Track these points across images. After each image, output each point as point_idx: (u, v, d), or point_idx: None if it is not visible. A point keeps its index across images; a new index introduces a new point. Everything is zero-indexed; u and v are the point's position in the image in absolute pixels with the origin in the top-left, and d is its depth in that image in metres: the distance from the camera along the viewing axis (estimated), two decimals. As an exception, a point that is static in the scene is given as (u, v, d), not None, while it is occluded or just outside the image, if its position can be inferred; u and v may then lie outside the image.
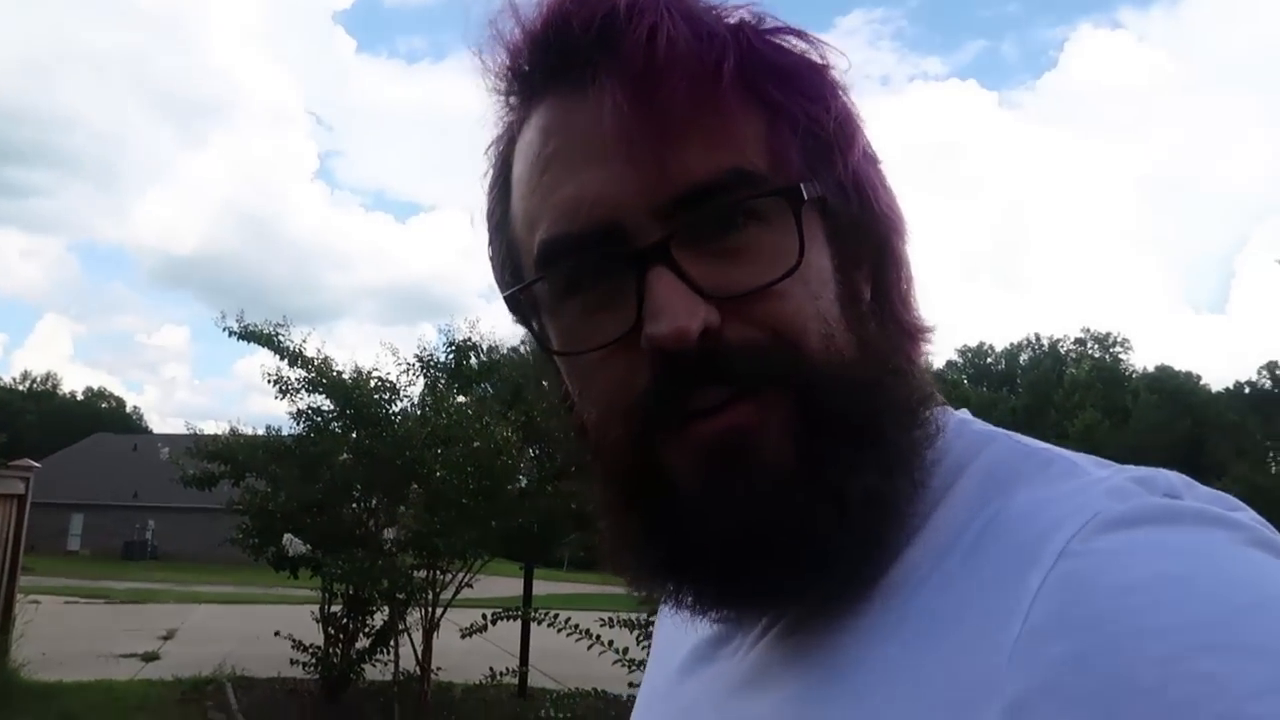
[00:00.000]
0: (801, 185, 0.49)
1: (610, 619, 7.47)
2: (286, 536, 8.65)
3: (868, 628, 0.47)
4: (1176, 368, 67.17)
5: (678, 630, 0.63)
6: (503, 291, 0.60)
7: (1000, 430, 0.55)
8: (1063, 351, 71.43)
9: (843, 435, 0.48)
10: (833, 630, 0.49)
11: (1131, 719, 0.35)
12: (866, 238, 0.54)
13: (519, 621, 8.26)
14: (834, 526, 0.47)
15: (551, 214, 0.52)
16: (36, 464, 9.88)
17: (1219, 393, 63.60)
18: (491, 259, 0.61)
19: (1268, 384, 61.49)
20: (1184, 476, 0.47)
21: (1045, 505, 0.45)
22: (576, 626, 7.29)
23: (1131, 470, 0.47)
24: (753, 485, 0.47)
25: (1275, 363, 61.77)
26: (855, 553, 0.48)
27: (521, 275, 0.57)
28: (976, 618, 0.42)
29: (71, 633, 12.64)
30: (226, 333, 8.47)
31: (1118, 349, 71.23)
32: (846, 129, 0.53)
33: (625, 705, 7.72)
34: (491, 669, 7.68)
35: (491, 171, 0.60)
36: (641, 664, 7.38)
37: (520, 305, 0.56)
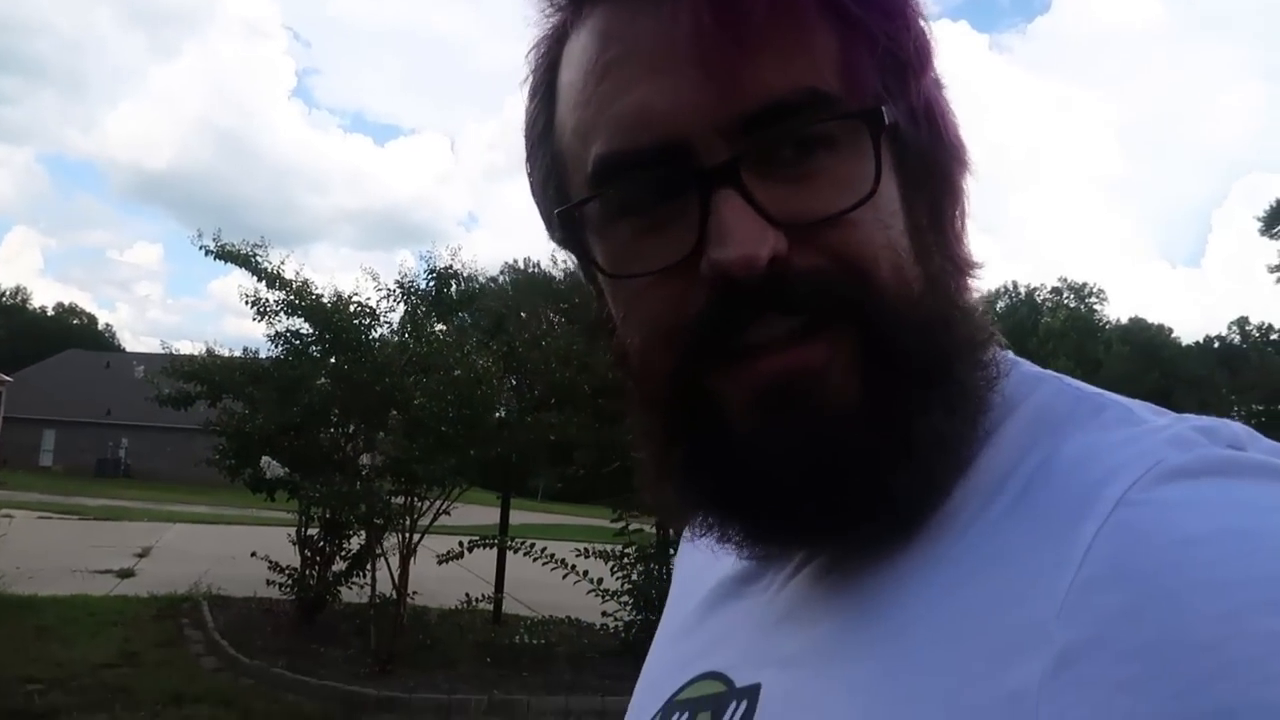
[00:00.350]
0: (883, 109, 0.47)
1: (585, 550, 7.60)
2: (265, 459, 8.64)
3: (909, 569, 0.46)
4: (1150, 320, 67.97)
5: (702, 565, 0.63)
6: (543, 206, 0.57)
7: (1049, 372, 0.53)
8: (1039, 300, 71.95)
9: (911, 373, 0.46)
10: (872, 569, 0.48)
11: (1187, 675, 0.34)
12: (933, 167, 0.52)
13: (495, 550, 8.34)
14: (897, 469, 0.46)
15: (610, 126, 0.48)
16: (8, 378, 9.77)
17: (1189, 346, 64.47)
18: (530, 172, 0.57)
19: (1237, 339, 62.38)
20: (1248, 428, 0.46)
21: (1101, 452, 0.44)
22: (552, 556, 7.40)
23: (1194, 419, 0.46)
24: (815, 426, 0.45)
25: (1245, 318, 62.64)
26: (914, 496, 0.47)
27: (567, 190, 0.54)
28: (1024, 565, 0.41)
29: (46, 548, 12.65)
30: (203, 251, 8.34)
31: (1093, 300, 71.81)
32: (923, 51, 0.50)
33: (598, 633, 7.90)
34: (468, 594, 7.79)
35: (533, 77, 0.56)
36: (615, 594, 7.53)
37: (567, 223, 0.53)
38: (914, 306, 0.47)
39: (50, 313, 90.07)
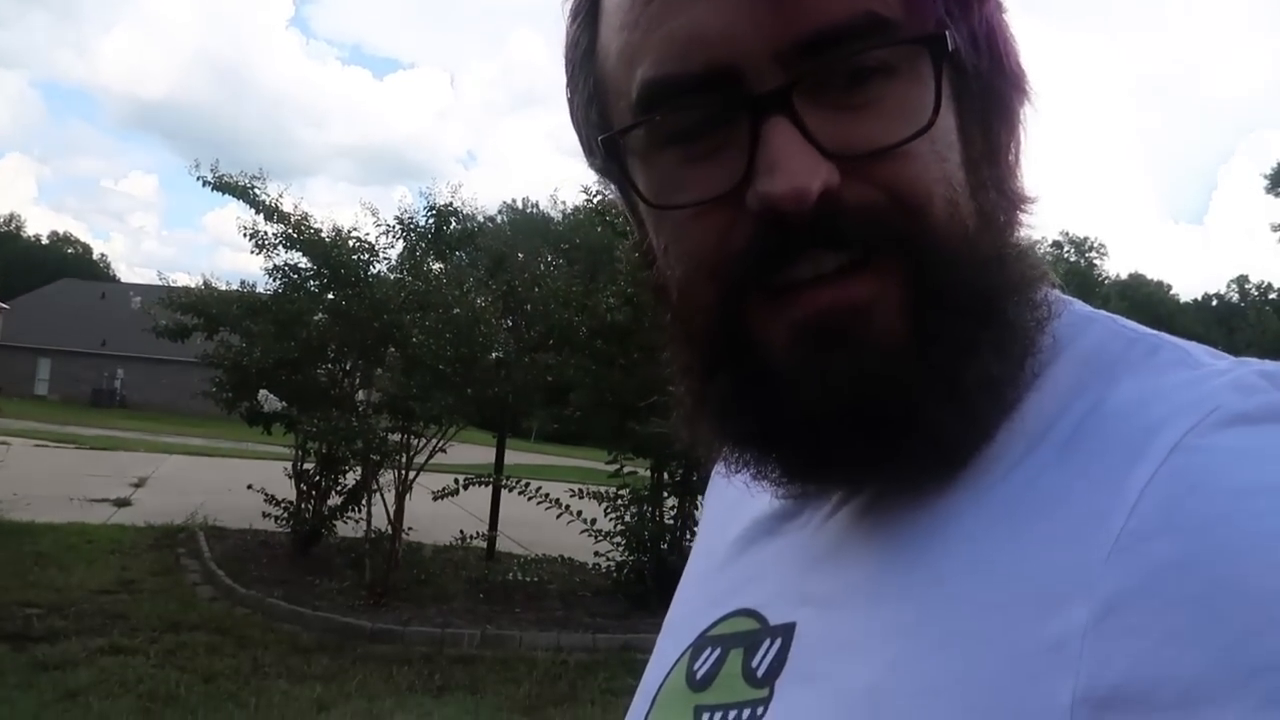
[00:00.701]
0: (946, 34, 0.44)
1: (580, 490, 7.66)
2: (262, 393, 8.66)
3: (951, 511, 0.45)
4: (1149, 276, 67.93)
5: (734, 502, 0.61)
6: (583, 133, 0.55)
7: (1101, 312, 0.52)
8: (1040, 253, 71.63)
9: (961, 312, 0.44)
10: (912, 510, 0.47)
11: (1238, 627, 0.33)
12: (992, 96, 0.49)
13: (489, 489, 8.40)
14: (942, 410, 0.44)
15: (657, 50, 0.46)
16: (4, 305, 9.73)
17: (1187, 303, 64.52)
18: (571, 97, 0.55)
19: (1235, 297, 62.37)
20: None
21: (1155, 395, 0.43)
22: (547, 495, 7.46)
23: (1256, 363, 0.44)
24: (860, 364, 0.44)
25: (1245, 277, 62.54)
26: (958, 438, 0.45)
27: (609, 116, 0.52)
28: (1072, 510, 0.40)
29: (42, 476, 12.73)
30: (200, 182, 8.24)
31: (1093, 254, 71.62)
32: None
33: (590, 572, 8.00)
34: (462, 532, 7.87)
35: None
36: (609, 535, 7.61)
37: (610, 150, 0.50)
38: (967, 243, 0.45)
39: (45, 241, 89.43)
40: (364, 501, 7.73)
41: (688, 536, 7.70)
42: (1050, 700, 0.36)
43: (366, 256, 8.04)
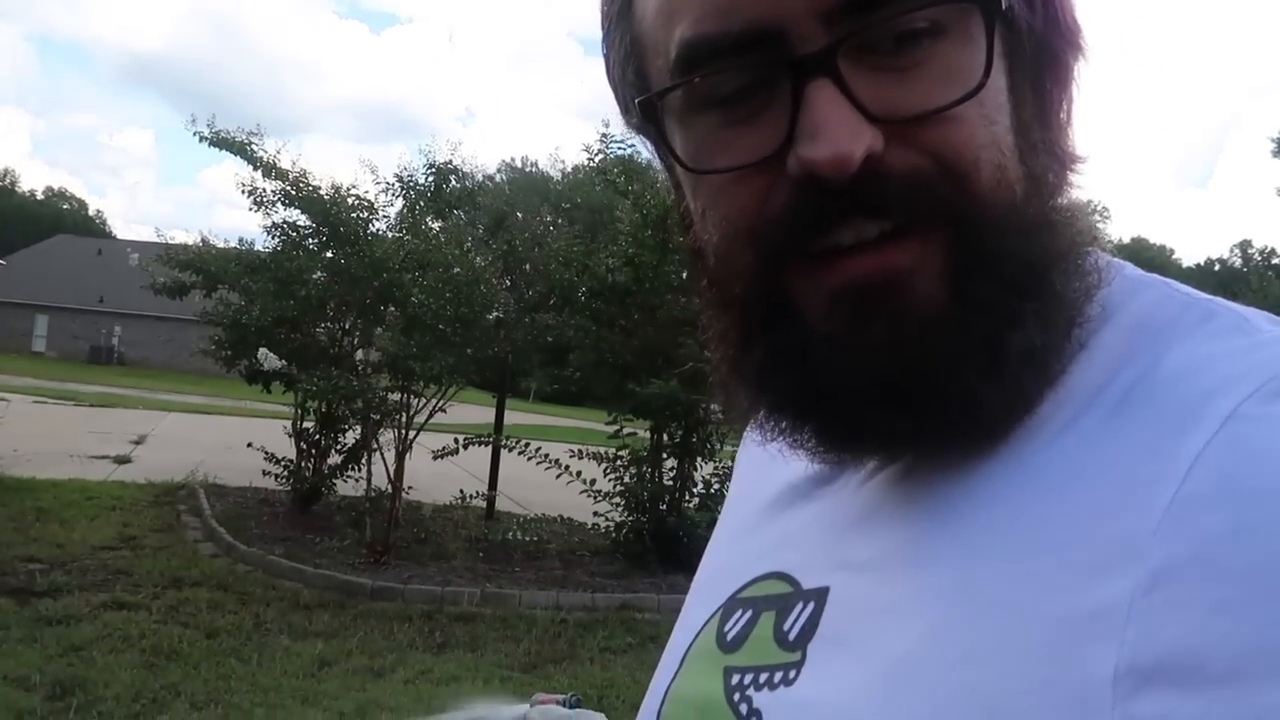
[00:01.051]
0: None
1: (580, 451, 7.68)
2: (262, 351, 8.64)
3: (992, 477, 0.44)
4: (1152, 240, 67.75)
5: (766, 465, 0.60)
6: (619, 92, 0.53)
7: (1156, 276, 0.50)
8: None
9: (1005, 282, 0.43)
10: (953, 476, 0.46)
11: None
12: (1046, 54, 0.47)
13: (489, 449, 8.42)
14: (983, 382, 0.43)
15: (697, 8, 0.44)
16: (1, 260, 9.68)
17: (1190, 268, 64.43)
18: (607, 54, 0.53)
19: (1238, 262, 62.26)
20: None
21: (1210, 362, 0.41)
22: (546, 456, 7.48)
23: None
24: (900, 332, 0.43)
25: (1248, 241, 62.43)
26: (1000, 410, 0.44)
27: (646, 75, 0.50)
28: (1119, 479, 0.39)
29: (42, 432, 12.75)
30: (197, 138, 8.15)
31: (1096, 217, 71.20)
32: None
33: (588, 532, 8.05)
34: (462, 491, 7.91)
35: None
36: (608, 495, 7.65)
37: (648, 112, 0.49)
38: (1014, 211, 0.44)
39: (40, 197, 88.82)
40: (364, 460, 7.75)
41: (686, 498, 7.75)
42: (1091, 670, 0.35)
43: (366, 214, 7.98)
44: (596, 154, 8.70)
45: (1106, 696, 0.35)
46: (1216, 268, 63.56)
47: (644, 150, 0.52)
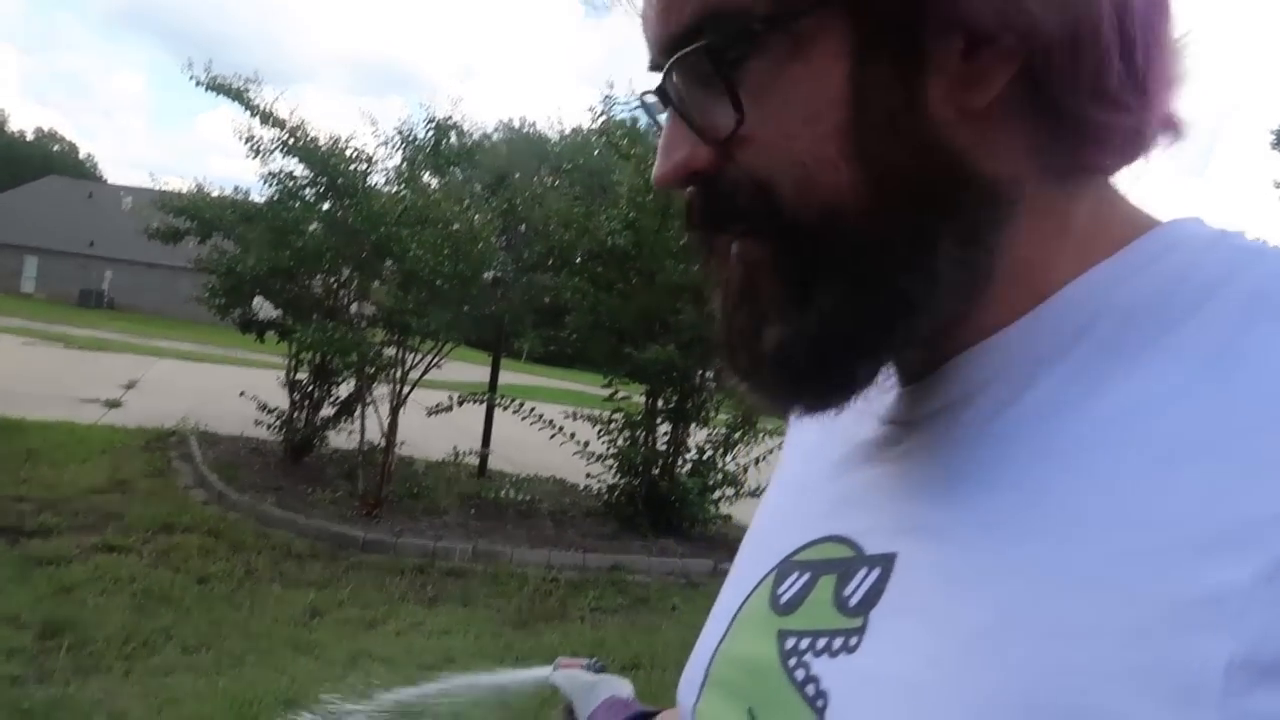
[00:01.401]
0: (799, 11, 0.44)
1: (573, 413, 7.69)
2: (257, 300, 8.57)
3: (1084, 443, 0.42)
4: (1146, 226, 67.53)
5: (826, 425, 0.59)
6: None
7: (1272, 247, 0.47)
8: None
9: (831, 283, 0.46)
10: (1035, 441, 0.44)
11: None
12: (914, 35, 0.44)
13: (483, 407, 8.41)
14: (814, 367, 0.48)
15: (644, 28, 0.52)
16: (-7, 200, 9.55)
17: (1181, 255, 64.32)
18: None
19: (1230, 252, 62.25)
20: None
21: None
22: (541, 416, 7.48)
23: None
24: (759, 325, 0.49)
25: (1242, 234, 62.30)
26: (865, 381, 0.49)
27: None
28: (1240, 455, 0.37)
29: (32, 374, 12.68)
30: (194, 82, 7.99)
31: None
32: None
33: (580, 492, 8.09)
34: (455, 448, 7.91)
35: None
36: (601, 457, 7.67)
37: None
38: (830, 215, 0.45)
39: (29, 137, 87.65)
40: (357, 414, 7.73)
41: (679, 463, 7.77)
42: (1200, 657, 0.34)
43: (364, 167, 7.89)
44: (600, 115, 8.61)
45: (1216, 688, 0.33)
46: (1210, 255, 63.53)
47: (645, 116, 0.58)
